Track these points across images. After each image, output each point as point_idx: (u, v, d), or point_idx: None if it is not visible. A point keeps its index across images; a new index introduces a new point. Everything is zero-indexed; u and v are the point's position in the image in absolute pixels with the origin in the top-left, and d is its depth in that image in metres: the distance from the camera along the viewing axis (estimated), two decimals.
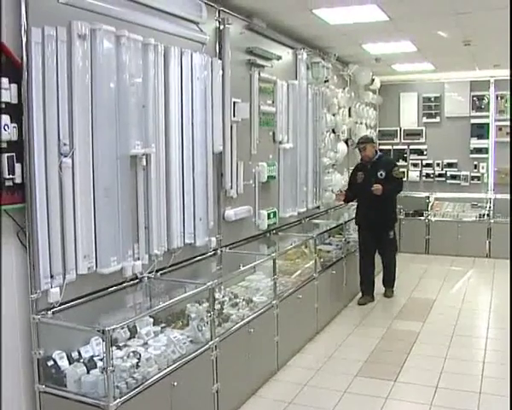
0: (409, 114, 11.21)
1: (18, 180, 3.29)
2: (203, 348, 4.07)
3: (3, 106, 3.17)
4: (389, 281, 7.65)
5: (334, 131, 8.48)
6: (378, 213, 7.07)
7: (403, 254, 10.40)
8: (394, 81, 10.98)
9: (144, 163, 4.17)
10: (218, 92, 5.07)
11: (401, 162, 11.21)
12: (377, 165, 7.21)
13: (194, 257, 4.98)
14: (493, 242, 10.05)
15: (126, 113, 3.90)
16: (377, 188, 6.92)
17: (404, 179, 11.02)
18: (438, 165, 11.00)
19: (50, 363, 3.45)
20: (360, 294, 7.50)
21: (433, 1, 5.38)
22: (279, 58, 6.44)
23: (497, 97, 10.44)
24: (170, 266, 4.61)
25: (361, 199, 7.42)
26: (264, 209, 6.18)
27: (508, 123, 10.25)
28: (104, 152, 3.73)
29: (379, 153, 7.52)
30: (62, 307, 3.56)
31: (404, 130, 11.27)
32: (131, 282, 4.19)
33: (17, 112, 3.26)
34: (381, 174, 7.11)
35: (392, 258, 7.57)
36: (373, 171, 7.16)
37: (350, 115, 9.26)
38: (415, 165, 11.22)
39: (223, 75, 5.16)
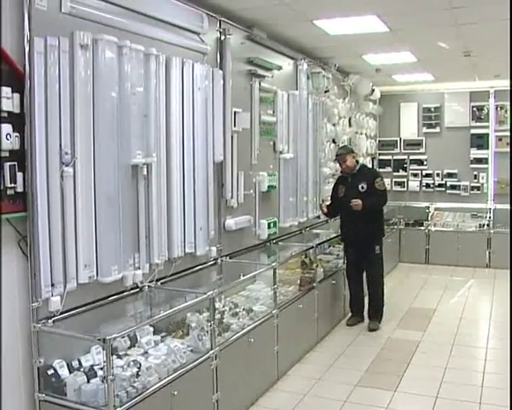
0: (409, 125, 11.23)
1: (20, 189, 3.30)
2: (203, 358, 4.07)
3: (6, 115, 3.19)
4: (375, 311, 6.87)
5: (334, 141, 8.50)
6: (362, 228, 6.52)
7: (402, 264, 10.48)
8: (394, 91, 11.02)
9: (145, 172, 4.18)
10: (219, 102, 5.09)
11: (401, 172, 11.27)
12: (358, 177, 6.68)
13: (195, 266, 4.98)
14: (493, 252, 10.06)
15: (128, 122, 3.92)
16: (356, 203, 6.40)
17: (404, 190, 11.18)
18: (438, 175, 11.00)
19: (51, 372, 3.44)
20: (350, 314, 7.12)
21: (433, 12, 5.41)
22: (279, 68, 6.47)
23: (496, 108, 10.46)
24: (170, 276, 4.60)
25: (343, 214, 6.85)
26: (264, 219, 6.19)
27: (507, 133, 10.27)
28: (105, 161, 3.75)
29: (360, 163, 6.99)
30: (63, 315, 3.56)
31: (404, 140, 11.29)
32: (132, 291, 4.19)
33: (19, 121, 3.27)
34: (363, 187, 6.57)
35: (378, 280, 6.85)
36: (353, 184, 6.64)
37: (350, 125, 9.29)
38: (415, 175, 11.22)
39: (223, 85, 5.18)
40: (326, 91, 7.76)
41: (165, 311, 4.20)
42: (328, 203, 7.13)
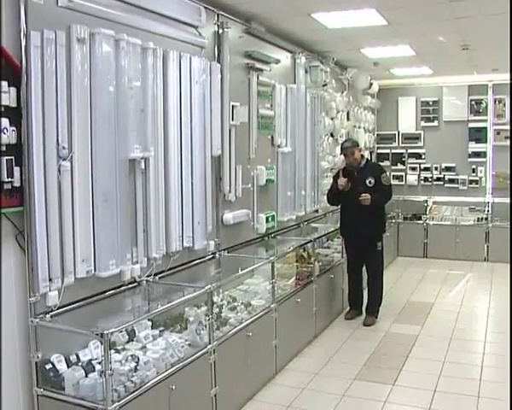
0: (407, 118, 11.22)
1: (17, 183, 3.29)
2: (201, 352, 4.06)
3: (3, 109, 3.18)
4: (372, 307, 6.83)
5: (332, 135, 8.50)
6: (365, 224, 6.43)
7: (401, 257, 10.48)
8: (392, 85, 11.01)
9: (143, 167, 4.17)
10: (217, 96, 5.07)
11: (399, 166, 11.26)
12: (365, 172, 6.55)
13: (193, 261, 4.98)
14: (491, 246, 10.07)
15: (125, 117, 3.90)
16: (365, 198, 6.30)
17: (402, 183, 11.18)
18: (436, 169, 11.01)
19: (49, 366, 3.44)
20: (348, 308, 7.10)
21: (432, 5, 5.40)
22: (277, 62, 6.46)
23: (495, 101, 10.46)
24: (168, 270, 4.60)
25: (346, 209, 6.70)
26: (262, 213, 6.19)
27: (506, 127, 10.27)
28: (103, 156, 3.74)
29: (365, 157, 6.84)
30: (61, 310, 3.56)
31: (402, 134, 11.28)
32: (130, 285, 4.18)
33: (16, 115, 3.26)
34: (370, 182, 6.45)
35: (378, 276, 6.81)
36: (360, 178, 6.49)
37: (348, 119, 9.28)
38: (413, 169, 11.22)
39: (221, 79, 5.16)
40: (324, 85, 7.75)
41: (163, 305, 4.21)
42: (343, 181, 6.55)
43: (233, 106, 5.36)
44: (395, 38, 6.89)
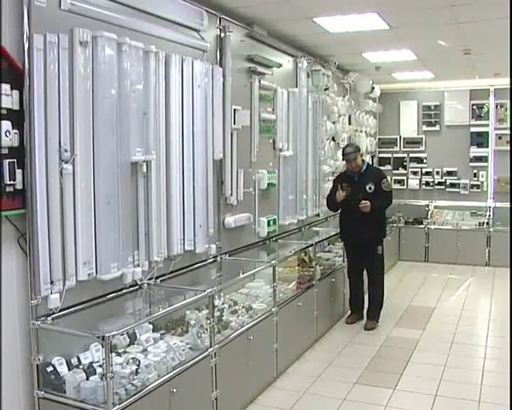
0: (409, 123, 11.22)
1: (19, 186, 3.30)
2: (202, 355, 4.06)
3: (5, 112, 3.19)
4: (373, 311, 6.83)
5: (334, 139, 8.50)
6: (364, 229, 6.38)
7: (402, 262, 10.47)
8: (394, 89, 11.01)
9: (145, 170, 4.18)
10: (219, 100, 5.08)
11: (401, 170, 11.27)
12: (365, 177, 6.52)
13: (194, 264, 4.98)
14: (493, 250, 10.06)
15: (127, 120, 3.91)
16: (365, 205, 6.25)
17: (404, 188, 11.18)
18: (437, 173, 11.00)
19: (50, 369, 3.45)
20: (349, 312, 7.10)
21: (434, 10, 5.41)
22: (279, 66, 6.47)
23: (496, 106, 10.45)
24: (170, 273, 4.61)
25: (346, 213, 6.69)
26: (263, 217, 6.19)
27: (507, 131, 10.26)
28: (105, 158, 3.74)
29: (366, 162, 6.80)
30: (62, 313, 3.56)
31: (403, 138, 11.28)
32: (131, 288, 4.19)
33: (18, 118, 3.27)
34: (370, 188, 6.42)
35: (378, 281, 6.80)
36: (360, 184, 6.47)
37: (350, 123, 9.28)
38: (414, 173, 11.21)
39: (223, 82, 5.17)
40: (326, 89, 7.75)
41: (164, 308, 4.22)
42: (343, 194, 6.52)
43: (235, 110, 5.37)
44: (397, 42, 6.90)
